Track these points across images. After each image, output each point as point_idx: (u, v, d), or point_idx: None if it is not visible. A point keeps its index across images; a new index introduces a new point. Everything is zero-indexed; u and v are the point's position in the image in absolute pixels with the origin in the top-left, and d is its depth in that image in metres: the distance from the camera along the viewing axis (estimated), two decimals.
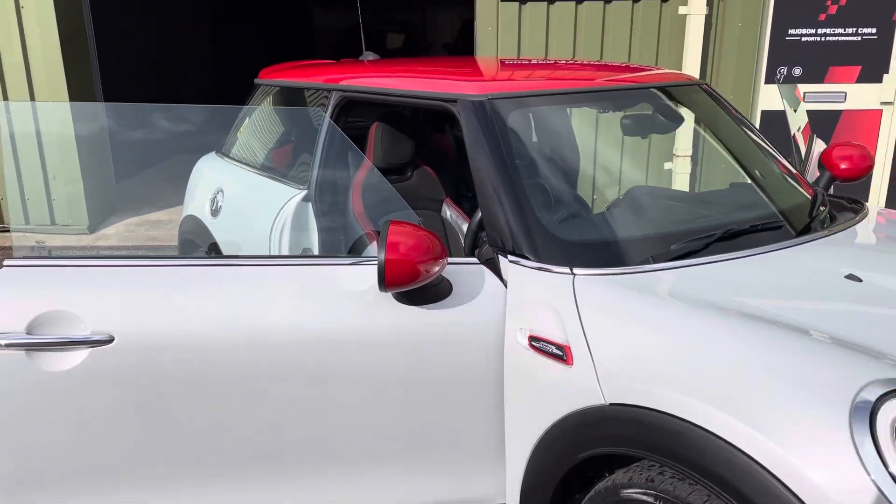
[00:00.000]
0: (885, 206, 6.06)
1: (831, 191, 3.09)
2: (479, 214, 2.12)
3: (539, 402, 1.87)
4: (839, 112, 5.94)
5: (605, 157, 2.74)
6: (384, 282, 1.75)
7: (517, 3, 5.58)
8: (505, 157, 2.11)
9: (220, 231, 3.22)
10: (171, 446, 1.83)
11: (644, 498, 1.65)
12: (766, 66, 5.88)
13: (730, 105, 2.86)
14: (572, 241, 2.02)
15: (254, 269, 1.93)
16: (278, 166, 3.16)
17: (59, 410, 1.74)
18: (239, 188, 3.22)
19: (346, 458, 1.96)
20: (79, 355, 1.73)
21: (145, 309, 1.78)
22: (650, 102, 2.64)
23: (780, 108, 5.96)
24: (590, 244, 2.05)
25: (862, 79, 5.86)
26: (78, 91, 5.96)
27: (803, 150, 5.85)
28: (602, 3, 5.57)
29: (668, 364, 1.64)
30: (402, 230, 1.78)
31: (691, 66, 5.51)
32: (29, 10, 5.71)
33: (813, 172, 3.12)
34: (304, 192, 2.82)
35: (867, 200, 5.92)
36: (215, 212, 3.30)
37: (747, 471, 1.46)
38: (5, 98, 5.85)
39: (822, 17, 5.75)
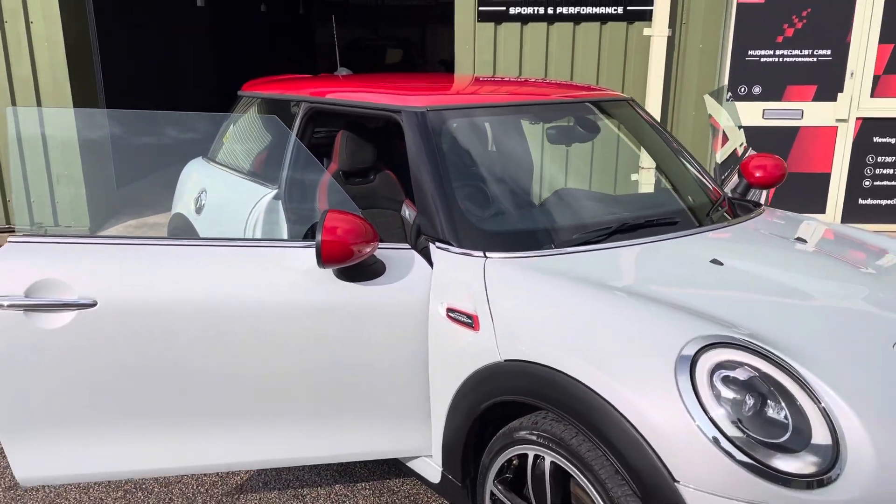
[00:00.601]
0: (842, 218, 6.41)
1: (753, 195, 3.46)
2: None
3: (453, 364, 2.22)
4: (797, 128, 6.30)
5: (547, 162, 3.11)
6: (321, 259, 2.11)
7: (493, 24, 5.97)
8: (438, 159, 2.48)
9: (203, 226, 3.59)
10: (144, 394, 2.18)
11: (529, 437, 2.00)
12: (727, 85, 6.25)
13: (654, 119, 3.23)
14: (488, 231, 2.38)
15: (220, 249, 2.29)
16: (254, 169, 3.52)
17: (51, 361, 2.10)
18: (220, 188, 3.59)
19: (293, 412, 2.31)
20: (68, 316, 2.09)
21: (125, 279, 2.14)
22: (580, 115, 3.01)
23: (743, 123, 6.32)
24: (502, 233, 2.41)
25: (818, 97, 6.23)
26: (82, 102, 6.34)
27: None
28: (572, 24, 5.94)
29: (548, 328, 1.99)
30: (338, 216, 2.14)
31: (655, 84, 5.87)
32: (37, 25, 6.11)
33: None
34: (275, 191, 3.19)
35: (824, 211, 6.30)
36: (199, 209, 3.67)
37: (604, 411, 1.81)
38: (14, 105, 6.24)
39: (780, 39, 6.13)
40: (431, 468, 2.44)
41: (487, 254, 2.26)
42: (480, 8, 5.92)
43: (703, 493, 1.65)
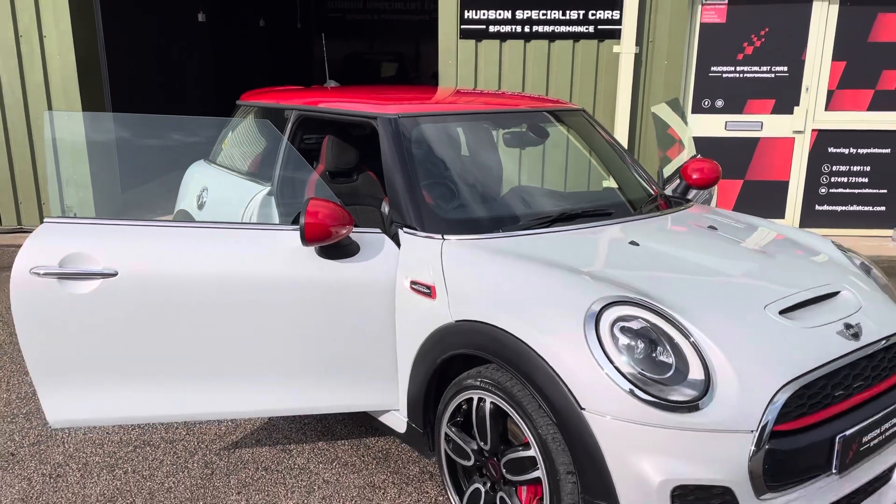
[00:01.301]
0: (800, 223, 6.87)
1: (692, 194, 3.91)
2: None
3: (415, 328, 2.65)
4: (757, 139, 6.78)
5: (505, 163, 3.56)
6: (304, 238, 2.54)
7: (473, 41, 6.44)
8: (407, 159, 2.92)
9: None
10: (156, 350, 2.60)
11: (474, 383, 2.42)
12: (692, 99, 6.72)
13: (603, 128, 3.68)
14: (446, 218, 2.82)
15: (221, 231, 2.72)
16: (250, 169, 3.97)
17: (79, 321, 2.52)
18: (219, 187, 4.03)
19: (281, 369, 2.73)
20: (94, 284, 2.52)
21: (141, 254, 2.57)
22: (536, 123, 3.47)
23: (707, 134, 6.79)
24: (458, 220, 2.85)
25: (776, 110, 6.71)
26: (90, 109, 6.80)
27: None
28: (547, 41, 6.42)
29: (490, 294, 2.43)
30: (319, 203, 2.58)
31: (623, 96, 6.34)
32: (50, 39, 6.57)
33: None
34: (268, 188, 3.63)
35: (784, 216, 6.75)
36: (201, 206, 4.11)
37: (530, 357, 2.23)
38: (27, 113, 6.69)
39: (740, 56, 6.62)
40: (398, 420, 2.87)
41: (445, 237, 2.70)
42: (462, 26, 6.39)
43: (602, 417, 2.08)
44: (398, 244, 2.78)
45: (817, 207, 6.94)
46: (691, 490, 2.05)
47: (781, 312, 2.31)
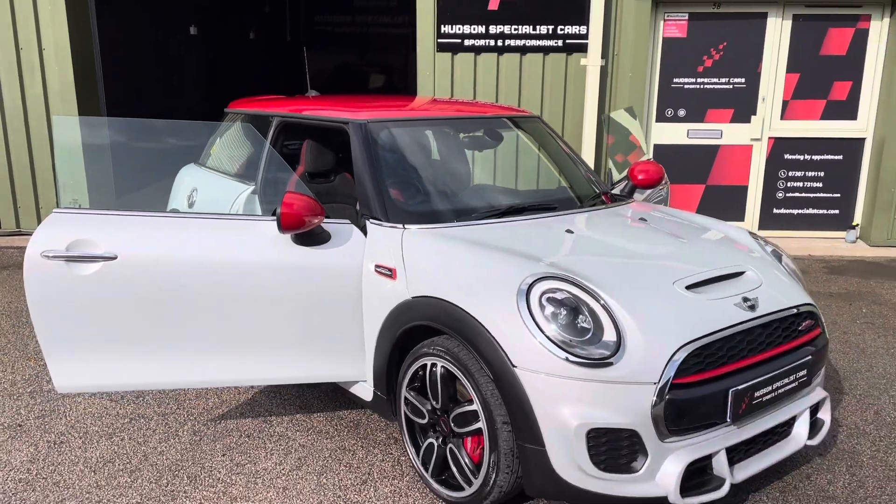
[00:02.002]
0: (758, 226, 7.28)
1: (646, 195, 4.31)
2: None
3: (379, 305, 3.03)
4: (717, 146, 7.20)
5: (464, 163, 3.96)
6: (281, 226, 2.91)
7: (450, 54, 6.84)
8: (374, 159, 3.31)
9: None
10: (151, 325, 2.97)
11: (429, 351, 2.79)
12: (656, 108, 7.14)
13: (556, 133, 4.08)
14: (407, 210, 3.20)
15: (209, 220, 3.09)
16: (237, 170, 4.34)
17: (84, 298, 2.88)
18: (208, 187, 4.40)
19: (261, 343, 3.09)
20: (96, 266, 2.88)
21: (138, 240, 2.94)
22: (495, 128, 3.87)
23: (671, 142, 7.21)
24: (417, 212, 3.23)
25: (735, 119, 7.14)
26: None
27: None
28: (519, 55, 6.83)
29: (440, 273, 2.82)
30: (294, 195, 2.95)
31: (591, 106, 6.74)
32: (49, 52, 6.94)
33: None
34: (252, 187, 4.01)
35: (743, 219, 7.16)
36: (191, 205, 4.47)
37: (473, 325, 2.61)
38: (26, 121, 7.05)
39: (701, 69, 7.05)
40: (366, 389, 3.24)
41: (406, 226, 3.08)
42: (439, 40, 6.80)
43: (531, 373, 2.46)
44: (365, 234, 3.16)
45: (775, 211, 7.36)
46: (604, 432, 2.43)
47: (688, 287, 2.70)
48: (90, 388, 3.05)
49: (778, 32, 6.93)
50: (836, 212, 7.35)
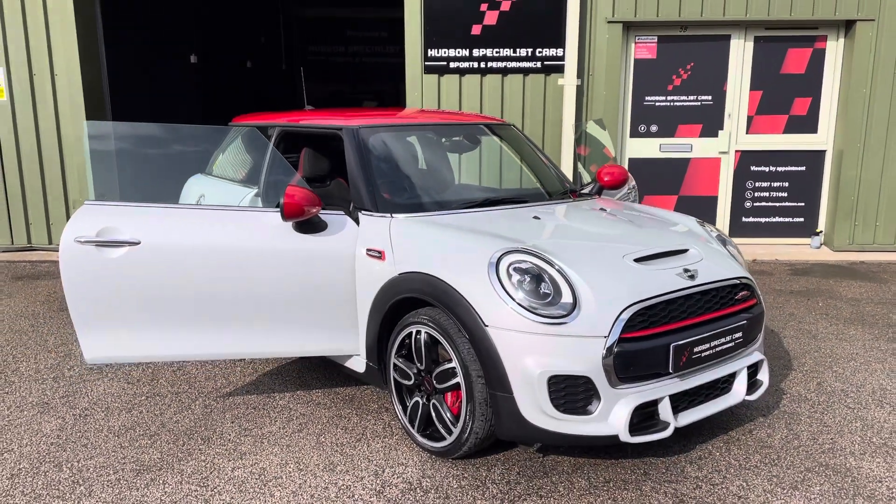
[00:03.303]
0: (729, 233, 7.73)
1: (619, 195, 4.75)
2: None
3: (370, 284, 3.45)
4: (688, 159, 7.68)
5: (447, 162, 4.42)
6: (283, 214, 3.34)
7: (436, 76, 7.34)
8: (365, 159, 3.75)
9: None
10: (170, 303, 3.38)
11: (414, 320, 3.21)
12: (630, 124, 7.63)
13: (529, 139, 4.54)
14: (395, 202, 3.64)
15: (220, 212, 3.52)
16: (240, 177, 4.77)
17: (111, 278, 3.29)
18: (215, 192, 4.84)
19: (267, 319, 3.50)
20: (122, 250, 3.30)
21: (159, 228, 3.36)
22: (473, 133, 4.33)
23: (644, 156, 7.69)
24: (402, 203, 3.67)
25: (703, 134, 7.63)
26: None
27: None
28: (500, 75, 7.33)
29: (423, 251, 3.24)
30: (294, 188, 3.38)
31: (568, 122, 7.22)
32: (61, 77, 7.40)
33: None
34: (255, 190, 4.44)
35: (715, 223, 7.61)
36: None
37: (451, 294, 3.03)
38: (38, 142, 7.49)
39: (670, 87, 7.56)
40: (360, 362, 3.64)
41: (393, 215, 3.51)
42: (426, 62, 7.29)
43: (499, 331, 2.88)
44: (357, 223, 3.59)
45: (744, 219, 7.82)
46: (562, 379, 2.84)
47: (636, 260, 3.14)
48: (115, 358, 3.45)
49: (741, 53, 7.45)
50: (801, 220, 7.82)
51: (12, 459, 3.26)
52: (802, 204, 7.79)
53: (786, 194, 7.77)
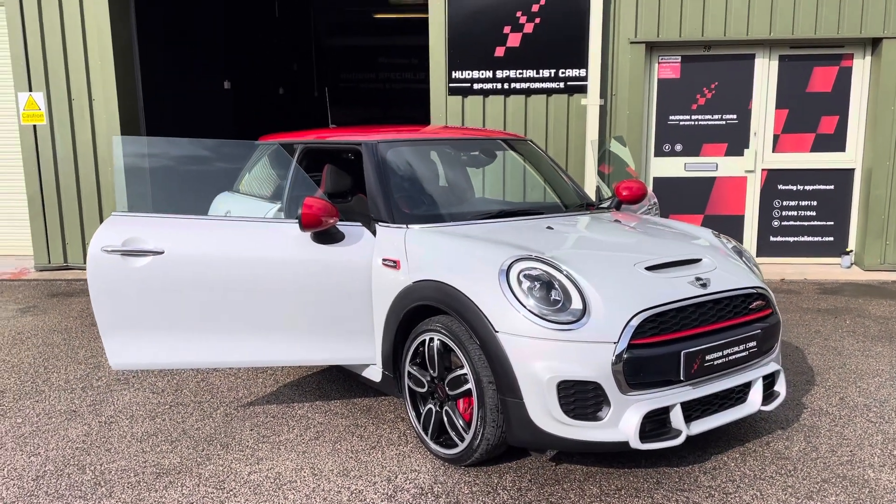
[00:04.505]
0: (757, 253, 7.68)
1: (642, 209, 4.78)
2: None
3: (386, 293, 3.51)
4: (714, 178, 7.66)
5: (464, 176, 4.49)
6: (301, 224, 3.43)
7: (460, 97, 7.45)
8: (382, 172, 3.84)
9: None
10: (193, 310, 3.47)
11: (428, 328, 3.25)
12: (654, 143, 7.65)
13: (546, 153, 4.60)
14: (410, 214, 3.71)
15: (242, 223, 3.63)
16: (265, 193, 4.89)
17: (136, 286, 3.40)
18: (240, 208, 4.96)
19: (285, 328, 3.57)
20: (146, 259, 3.41)
21: (182, 238, 3.46)
22: (486, 148, 4.40)
23: (669, 175, 7.68)
24: (418, 214, 3.74)
25: (729, 153, 7.62)
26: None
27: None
28: (524, 96, 7.41)
29: (436, 261, 3.30)
30: (313, 200, 3.47)
31: (592, 143, 7.25)
32: (98, 102, 7.66)
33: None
34: (279, 205, 4.55)
35: (742, 242, 7.55)
36: None
37: (463, 301, 3.08)
38: (76, 165, 7.73)
39: (694, 106, 7.57)
40: (376, 371, 3.69)
41: (408, 226, 3.58)
42: (450, 84, 7.41)
43: (510, 336, 2.91)
44: (374, 234, 3.66)
45: (772, 239, 7.75)
46: (572, 384, 2.86)
47: (647, 268, 3.16)
48: (139, 365, 3.55)
49: (766, 72, 7.44)
50: (831, 239, 7.72)
51: (38, 462, 3.36)
52: (832, 223, 7.70)
53: (814, 213, 7.69)
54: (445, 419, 3.24)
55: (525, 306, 2.92)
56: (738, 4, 7.17)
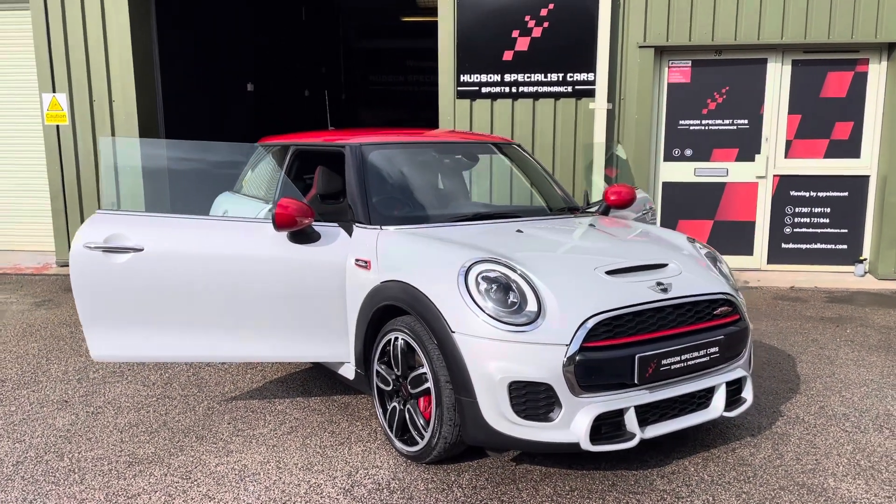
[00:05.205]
0: (767, 260, 7.59)
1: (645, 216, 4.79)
2: None
3: (358, 293, 3.58)
4: (724, 184, 7.59)
5: (445, 179, 4.55)
6: (275, 224, 3.52)
7: (468, 101, 7.50)
8: (362, 174, 3.91)
9: None
10: (172, 306, 3.58)
11: (394, 327, 3.31)
12: (663, 148, 7.61)
13: (533, 156, 4.63)
14: (385, 215, 3.78)
15: (220, 222, 3.73)
16: (260, 193, 5.01)
17: (116, 282, 3.52)
18: (236, 207, 5.09)
19: (260, 325, 3.67)
20: (127, 255, 3.53)
21: (161, 236, 3.58)
22: (468, 152, 4.45)
23: (679, 180, 7.64)
24: (394, 216, 3.80)
25: (739, 158, 7.54)
26: None
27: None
28: (532, 100, 7.43)
29: (403, 261, 3.36)
30: (287, 200, 3.56)
31: (598, 146, 7.25)
32: (118, 104, 7.89)
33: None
34: (269, 206, 4.65)
35: (752, 253, 7.47)
36: None
37: (424, 301, 3.13)
38: (96, 167, 7.98)
39: (705, 111, 7.51)
40: (350, 369, 3.76)
41: (382, 227, 3.65)
42: (458, 88, 7.47)
43: (465, 337, 2.96)
44: (350, 234, 3.74)
45: (783, 246, 7.65)
46: (523, 385, 2.90)
47: (608, 272, 3.18)
48: (118, 357, 3.68)
49: (778, 77, 7.35)
50: (845, 246, 7.59)
51: (21, 449, 3.51)
52: (845, 230, 7.56)
53: (828, 220, 7.56)
54: (407, 417, 3.30)
55: (481, 308, 2.97)
56: (749, 9, 7.10)
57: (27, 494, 3.06)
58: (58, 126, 7.99)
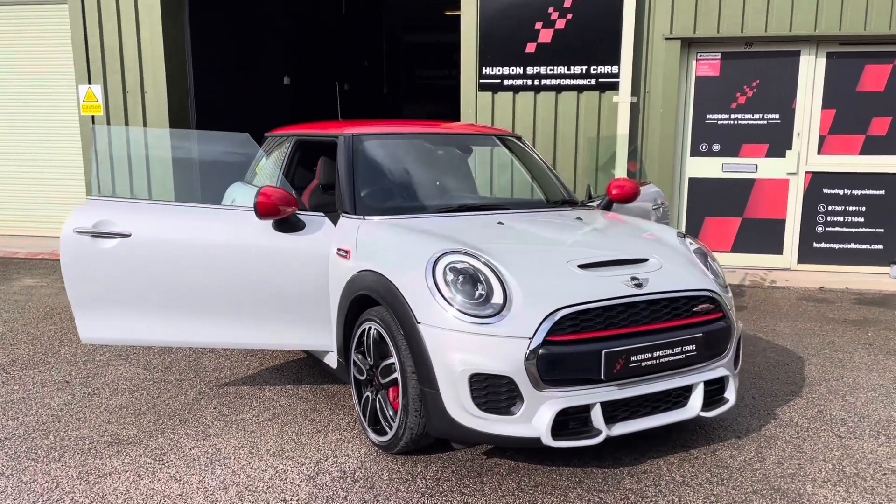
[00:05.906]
0: (798, 260, 7.34)
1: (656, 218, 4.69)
2: None
3: (338, 282, 3.59)
4: (753, 180, 7.38)
5: (438, 170, 4.51)
6: (257, 213, 3.55)
7: (490, 93, 7.44)
8: (352, 164, 3.92)
9: None
10: (158, 290, 3.65)
11: (368, 317, 3.31)
12: (690, 143, 7.42)
13: (534, 150, 4.57)
14: (370, 205, 3.77)
15: (207, 210, 3.78)
16: (266, 182, 5.06)
17: (104, 267, 3.61)
18: (243, 196, 5.15)
19: (243, 311, 3.71)
20: (114, 241, 3.61)
21: (149, 222, 3.65)
22: (462, 143, 4.42)
23: (706, 175, 7.45)
24: (379, 206, 3.79)
25: (770, 154, 7.31)
26: None
27: None
28: (554, 93, 7.33)
29: (378, 251, 3.35)
30: (271, 188, 3.59)
31: (622, 140, 7.12)
32: (150, 95, 8.09)
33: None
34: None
35: (781, 252, 7.25)
36: None
37: (393, 291, 3.12)
38: (129, 155, 8.19)
39: (734, 105, 7.30)
40: (333, 358, 3.78)
41: (365, 217, 3.65)
42: (480, 80, 7.42)
43: (429, 327, 2.94)
44: (335, 223, 3.75)
45: (815, 245, 7.38)
46: (484, 378, 2.86)
47: (581, 266, 3.11)
48: (106, 340, 3.76)
49: (812, 70, 7.09)
50: (881, 247, 7.29)
51: (13, 426, 3.63)
52: (881, 230, 7.26)
53: (862, 219, 7.27)
54: (378, 407, 3.29)
55: (447, 299, 2.94)
56: (779, 0, 6.86)
57: (5, 469, 3.16)
58: (93, 116, 8.23)
